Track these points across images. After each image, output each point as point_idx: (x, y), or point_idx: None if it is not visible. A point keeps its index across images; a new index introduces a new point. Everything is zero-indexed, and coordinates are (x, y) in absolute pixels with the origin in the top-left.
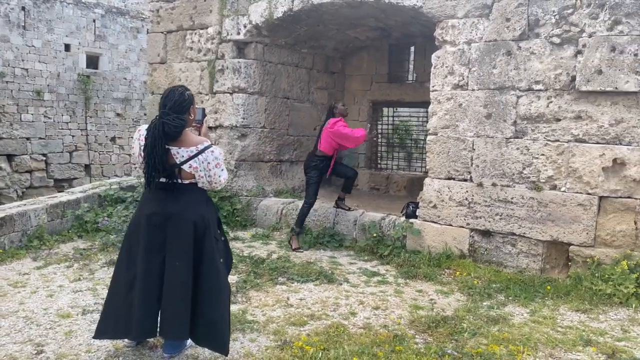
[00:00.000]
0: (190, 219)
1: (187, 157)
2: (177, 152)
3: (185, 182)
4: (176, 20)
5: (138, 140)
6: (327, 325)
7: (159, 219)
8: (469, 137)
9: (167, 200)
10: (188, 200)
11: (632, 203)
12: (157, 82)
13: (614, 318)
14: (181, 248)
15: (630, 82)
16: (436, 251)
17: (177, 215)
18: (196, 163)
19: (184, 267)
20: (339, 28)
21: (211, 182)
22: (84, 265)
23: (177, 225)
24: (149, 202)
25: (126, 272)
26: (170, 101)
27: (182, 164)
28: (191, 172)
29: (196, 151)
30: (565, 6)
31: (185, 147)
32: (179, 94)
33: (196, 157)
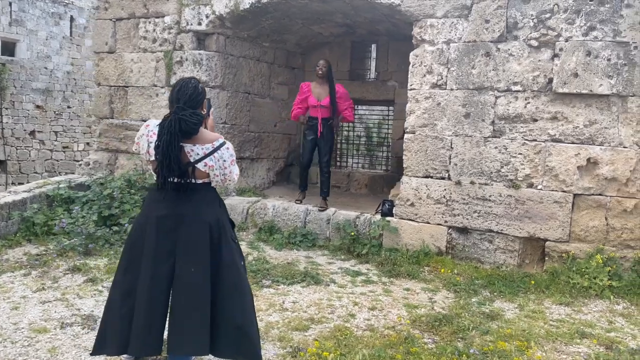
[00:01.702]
0: (205, 221)
1: (202, 155)
2: (192, 149)
3: (199, 182)
4: (127, 7)
5: (146, 136)
6: (331, 328)
7: (170, 222)
8: (447, 136)
9: (178, 201)
10: (201, 201)
11: (603, 200)
12: (104, 72)
13: (595, 310)
14: (197, 253)
15: (604, 85)
16: (413, 249)
17: (190, 218)
18: (212, 161)
19: (200, 273)
20: (305, 23)
21: (225, 180)
22: (43, 272)
23: (191, 228)
24: (158, 204)
25: (127, 279)
26: (184, 95)
27: (196, 162)
28: (206, 170)
29: (212, 148)
30: (543, 10)
31: (201, 144)
32: (192, 87)
33: (212, 154)
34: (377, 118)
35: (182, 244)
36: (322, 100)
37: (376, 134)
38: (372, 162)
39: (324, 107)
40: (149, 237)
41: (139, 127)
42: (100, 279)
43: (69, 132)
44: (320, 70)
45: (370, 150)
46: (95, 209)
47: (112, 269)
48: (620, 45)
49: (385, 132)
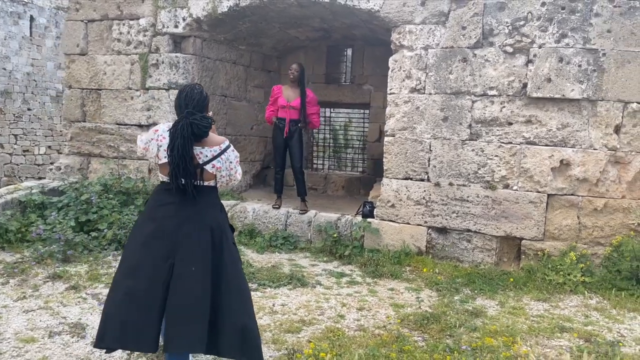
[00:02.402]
0: (207, 224)
1: (210, 157)
2: (201, 152)
3: (205, 184)
4: (100, 8)
5: (156, 140)
6: (323, 330)
7: (173, 224)
8: (426, 138)
9: (182, 203)
10: (205, 204)
11: (575, 200)
12: (75, 75)
13: (571, 305)
14: (198, 254)
15: (575, 90)
16: (394, 249)
17: (193, 220)
18: (219, 163)
19: (200, 272)
20: (282, 27)
21: (230, 180)
22: (22, 280)
23: (193, 230)
24: (162, 206)
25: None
26: (192, 100)
27: (205, 164)
28: (213, 172)
29: (219, 150)
30: (518, 18)
31: (209, 146)
32: (198, 93)
33: (220, 156)
34: (352, 120)
35: (183, 244)
36: (291, 101)
37: (352, 137)
38: (349, 164)
39: (292, 108)
40: (150, 236)
41: (113, 130)
42: (82, 286)
43: (30, 135)
44: (292, 74)
45: (346, 152)
46: (71, 215)
47: (94, 276)
48: (590, 52)
49: (361, 135)
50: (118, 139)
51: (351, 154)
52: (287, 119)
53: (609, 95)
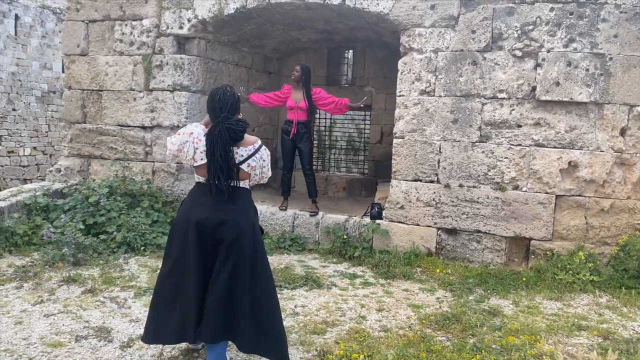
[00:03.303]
0: (245, 225)
1: (246, 157)
2: (237, 152)
3: (240, 185)
4: (102, 8)
5: (192, 143)
6: (347, 331)
7: (210, 225)
8: (436, 140)
9: (220, 204)
10: (242, 205)
11: (582, 200)
12: (76, 75)
13: (583, 304)
14: (238, 256)
15: (583, 93)
16: (404, 250)
17: (231, 222)
18: (254, 162)
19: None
20: (285, 28)
21: (262, 178)
22: (36, 284)
23: (232, 232)
24: (198, 207)
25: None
26: (226, 104)
27: (241, 164)
28: (248, 171)
29: (253, 150)
30: (527, 23)
31: (244, 146)
32: (231, 96)
33: (254, 155)
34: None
35: (222, 247)
36: (299, 103)
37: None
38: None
39: (300, 110)
40: (191, 239)
41: (114, 131)
42: (98, 289)
43: (15, 136)
44: (293, 74)
45: (348, 154)
46: (79, 217)
47: (108, 279)
48: (597, 56)
49: (362, 137)
50: (120, 141)
51: (353, 156)
52: (294, 121)
53: (616, 98)
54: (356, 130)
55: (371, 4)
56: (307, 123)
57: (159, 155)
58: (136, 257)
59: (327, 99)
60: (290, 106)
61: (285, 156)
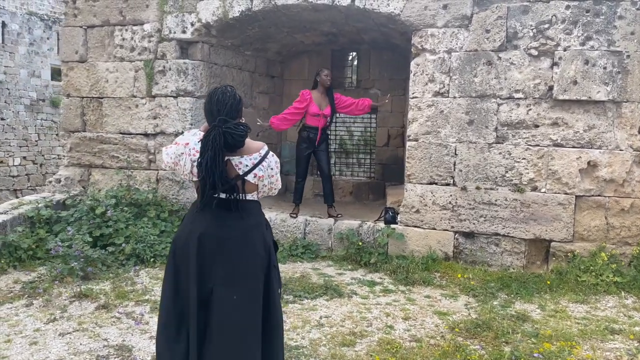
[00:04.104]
0: (257, 244)
1: (251, 166)
2: (240, 161)
3: (248, 198)
4: (101, 14)
5: (188, 155)
6: (377, 342)
7: (212, 242)
8: (451, 142)
9: (224, 219)
10: (251, 221)
11: (602, 200)
12: (74, 83)
13: (610, 306)
14: (246, 279)
15: (601, 92)
16: (420, 255)
17: (239, 240)
18: (261, 171)
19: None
20: (290, 31)
21: (271, 190)
22: (47, 301)
23: (240, 253)
24: (199, 222)
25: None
26: (224, 105)
27: (246, 175)
28: (255, 182)
29: (259, 157)
30: (542, 21)
31: (248, 154)
32: (231, 96)
33: (260, 164)
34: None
35: (226, 268)
36: (323, 109)
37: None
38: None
39: (325, 117)
40: (191, 258)
41: (116, 140)
42: (112, 305)
43: (4, 145)
44: (328, 80)
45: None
46: (85, 229)
47: (121, 294)
48: (614, 54)
49: (368, 140)
50: (122, 149)
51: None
52: (319, 128)
53: (634, 96)
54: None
55: (381, 4)
56: (328, 129)
57: (163, 164)
58: (146, 269)
59: (347, 101)
60: (315, 113)
61: (302, 163)
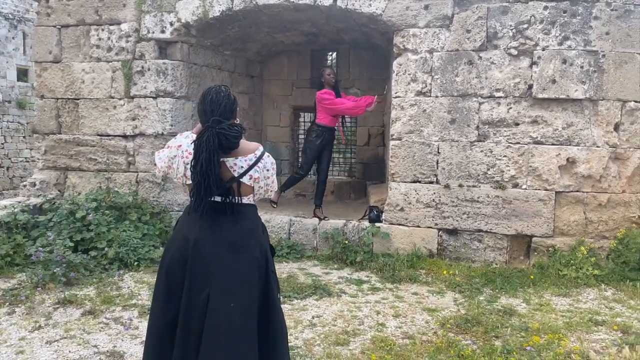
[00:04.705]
0: (251, 254)
1: (246, 168)
2: (235, 163)
3: (244, 201)
4: (75, 13)
5: (181, 157)
6: (370, 340)
7: (208, 247)
8: (434, 141)
9: (219, 224)
10: (246, 225)
11: (581, 196)
12: (49, 84)
13: (591, 298)
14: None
15: (579, 90)
16: (405, 253)
17: (234, 247)
18: (257, 172)
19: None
20: (270, 31)
21: (267, 192)
22: (29, 308)
23: (235, 259)
24: (193, 227)
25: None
26: (218, 106)
27: (241, 177)
28: (251, 184)
29: (255, 159)
30: (521, 21)
31: (243, 155)
32: (225, 96)
33: (256, 165)
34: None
35: (222, 274)
36: None
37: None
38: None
39: (337, 116)
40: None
41: (94, 142)
42: (99, 310)
43: None
44: (332, 78)
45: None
46: (65, 234)
47: (107, 299)
48: (590, 53)
49: (349, 139)
50: (100, 151)
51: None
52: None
53: (609, 94)
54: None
55: (363, 4)
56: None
57: (143, 165)
58: (131, 273)
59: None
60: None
61: (310, 160)
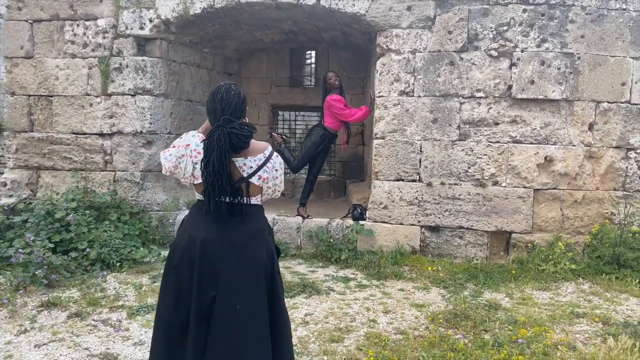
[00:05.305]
0: (258, 256)
1: (255, 168)
2: (244, 163)
3: (252, 201)
4: (49, 7)
5: (189, 157)
6: (364, 336)
7: (216, 248)
8: (416, 140)
9: (227, 225)
10: (254, 226)
11: (558, 193)
12: (20, 80)
13: (569, 292)
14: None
15: (556, 91)
16: (388, 250)
17: (242, 247)
18: (266, 173)
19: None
20: (250, 28)
21: (275, 191)
22: (12, 312)
23: (242, 261)
24: (200, 227)
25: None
26: (229, 104)
27: (250, 177)
28: (260, 184)
29: (264, 158)
30: (501, 23)
31: (252, 155)
32: (235, 94)
33: (265, 165)
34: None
35: (228, 276)
36: None
37: None
38: None
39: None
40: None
41: (68, 140)
42: (85, 312)
43: None
44: (337, 82)
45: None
46: (43, 235)
47: (92, 301)
48: (567, 55)
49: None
50: (75, 150)
51: None
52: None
53: (584, 95)
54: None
55: (347, 4)
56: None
57: (121, 164)
58: (114, 274)
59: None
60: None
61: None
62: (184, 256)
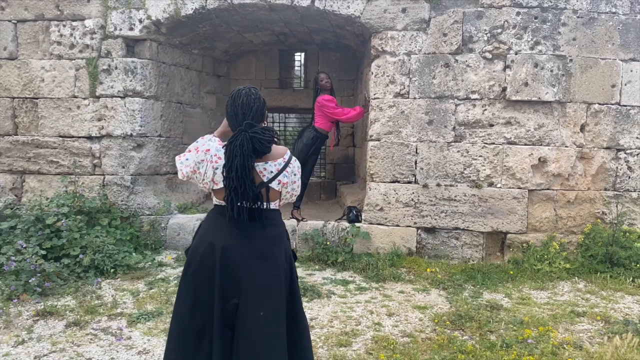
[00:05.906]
0: (277, 261)
1: (275, 172)
2: (264, 167)
3: (272, 206)
4: (33, 7)
5: (209, 162)
6: (371, 340)
7: (236, 254)
8: (412, 142)
9: (246, 230)
10: (274, 231)
11: (551, 194)
12: (3, 82)
13: (566, 291)
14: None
15: (549, 93)
16: (385, 252)
17: (262, 252)
18: (285, 178)
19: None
20: (240, 30)
21: (292, 196)
22: (7, 322)
23: (262, 266)
24: (220, 233)
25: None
26: (250, 109)
27: (270, 182)
28: (279, 189)
29: (284, 163)
30: (495, 26)
31: (272, 160)
32: (256, 99)
33: (285, 170)
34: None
35: (250, 282)
36: None
37: None
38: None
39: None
40: (214, 271)
41: (55, 143)
42: (84, 321)
43: None
44: (327, 83)
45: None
46: (34, 241)
47: (90, 309)
48: (559, 58)
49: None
50: (62, 153)
51: None
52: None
53: (576, 97)
54: None
55: (341, 6)
56: None
57: (110, 168)
58: (108, 281)
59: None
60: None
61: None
62: (202, 262)
